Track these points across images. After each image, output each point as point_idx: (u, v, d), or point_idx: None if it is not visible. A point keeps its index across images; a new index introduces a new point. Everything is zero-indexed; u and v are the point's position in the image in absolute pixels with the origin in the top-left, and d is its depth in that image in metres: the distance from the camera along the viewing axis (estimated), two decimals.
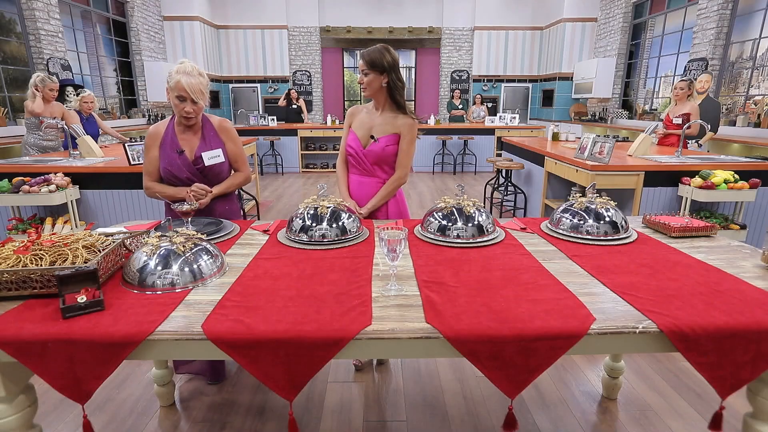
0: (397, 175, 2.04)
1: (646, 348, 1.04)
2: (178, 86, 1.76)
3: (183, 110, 1.81)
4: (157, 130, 1.91)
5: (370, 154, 2.01)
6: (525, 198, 4.92)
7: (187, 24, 9.34)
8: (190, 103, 1.80)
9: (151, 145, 1.90)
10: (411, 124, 1.99)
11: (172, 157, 1.87)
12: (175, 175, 1.88)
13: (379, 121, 2.01)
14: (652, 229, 1.74)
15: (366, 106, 2.09)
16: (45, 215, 3.22)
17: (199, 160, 1.90)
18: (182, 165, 1.88)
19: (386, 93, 1.97)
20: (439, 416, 1.90)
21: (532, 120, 10.96)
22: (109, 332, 0.96)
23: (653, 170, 3.21)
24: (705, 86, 5.46)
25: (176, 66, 1.80)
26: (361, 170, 2.07)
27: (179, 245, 1.23)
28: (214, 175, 1.95)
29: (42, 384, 1.02)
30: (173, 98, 1.80)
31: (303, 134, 8.29)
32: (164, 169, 1.89)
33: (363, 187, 2.07)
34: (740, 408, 1.83)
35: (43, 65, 6.01)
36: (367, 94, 1.97)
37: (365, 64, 1.90)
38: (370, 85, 1.93)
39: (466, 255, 1.43)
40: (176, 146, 1.88)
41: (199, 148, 1.91)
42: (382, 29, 10.42)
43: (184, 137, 1.91)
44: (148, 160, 1.92)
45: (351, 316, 1.02)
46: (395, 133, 1.99)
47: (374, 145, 2.00)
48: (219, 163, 1.95)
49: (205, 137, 1.94)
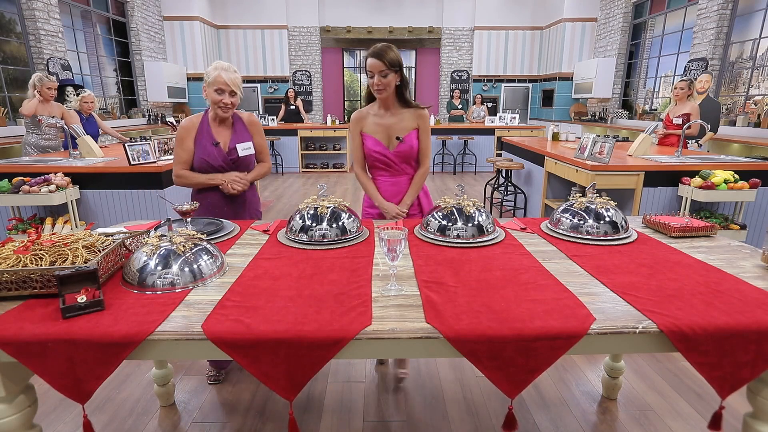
0: (424, 167, 2.08)
1: (646, 348, 1.04)
2: (218, 80, 1.91)
3: (221, 102, 1.94)
4: (192, 123, 2.04)
5: (399, 155, 2.02)
6: (525, 198, 4.92)
7: (187, 24, 9.34)
8: (228, 95, 1.94)
9: (185, 136, 2.02)
10: (425, 115, 2.03)
11: (208, 148, 2.01)
12: (210, 165, 2.02)
13: (394, 120, 2.00)
14: (652, 229, 1.74)
15: (370, 109, 2.03)
16: (45, 215, 3.22)
17: (233, 151, 2.06)
18: (217, 155, 2.02)
19: (396, 91, 1.96)
20: (439, 416, 1.90)
21: (532, 120, 10.96)
22: (109, 332, 0.96)
23: (653, 170, 3.21)
24: (705, 86, 5.46)
25: (212, 65, 1.96)
26: (392, 171, 2.06)
27: (179, 245, 1.23)
28: (245, 166, 2.11)
29: (42, 384, 1.03)
30: (212, 93, 1.94)
31: (303, 134, 8.29)
32: (200, 159, 2.01)
33: (396, 186, 2.07)
34: (740, 408, 1.83)
35: (43, 65, 6.01)
36: (384, 96, 1.93)
37: (385, 64, 1.83)
38: (389, 86, 1.89)
39: (466, 255, 1.43)
40: (212, 138, 2.02)
41: (232, 140, 2.07)
42: (382, 29, 10.42)
43: (218, 130, 2.05)
44: (181, 150, 2.03)
45: (351, 316, 1.02)
46: (415, 128, 2.02)
47: (402, 146, 2.00)
48: (250, 155, 2.11)
49: (237, 131, 2.09)
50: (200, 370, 2.23)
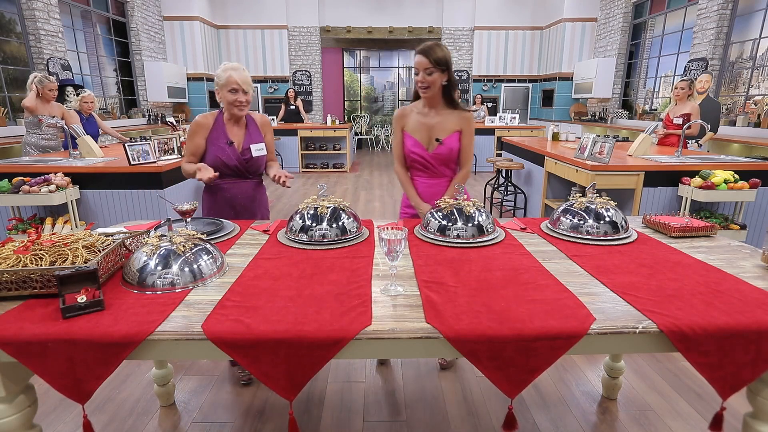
0: (465, 171, 2.04)
1: (646, 348, 1.04)
2: (230, 80, 1.95)
3: (236, 101, 1.99)
4: (206, 121, 2.07)
5: (437, 157, 1.99)
6: (525, 198, 4.92)
7: (187, 24, 9.34)
8: (241, 93, 1.99)
9: (197, 131, 2.06)
10: (469, 118, 1.99)
11: (223, 147, 2.05)
12: (225, 163, 2.06)
13: (437, 121, 1.96)
14: (652, 229, 1.74)
15: (414, 107, 2.01)
16: (45, 215, 3.22)
17: (247, 151, 2.10)
18: (231, 155, 2.06)
19: (442, 91, 1.92)
20: (439, 416, 1.90)
21: (532, 120, 10.96)
22: (109, 332, 0.96)
23: (653, 170, 3.21)
24: (705, 86, 5.46)
25: (221, 66, 2.00)
26: (429, 173, 2.04)
27: (179, 245, 1.23)
28: (257, 166, 2.16)
29: (42, 384, 1.03)
30: (226, 94, 1.98)
31: (303, 134, 8.28)
32: (215, 157, 2.05)
33: (433, 188, 2.04)
34: (740, 408, 1.83)
35: (43, 65, 6.02)
36: (429, 95, 1.89)
37: (431, 62, 1.80)
38: (434, 84, 1.86)
39: (466, 255, 1.43)
40: (226, 138, 2.06)
41: (246, 140, 2.11)
42: (382, 29, 10.42)
43: (233, 130, 2.10)
44: (191, 143, 2.07)
45: (351, 316, 1.02)
46: (457, 131, 1.97)
47: (440, 148, 1.96)
48: (262, 155, 2.16)
49: (250, 132, 2.14)
50: (200, 370, 2.23)
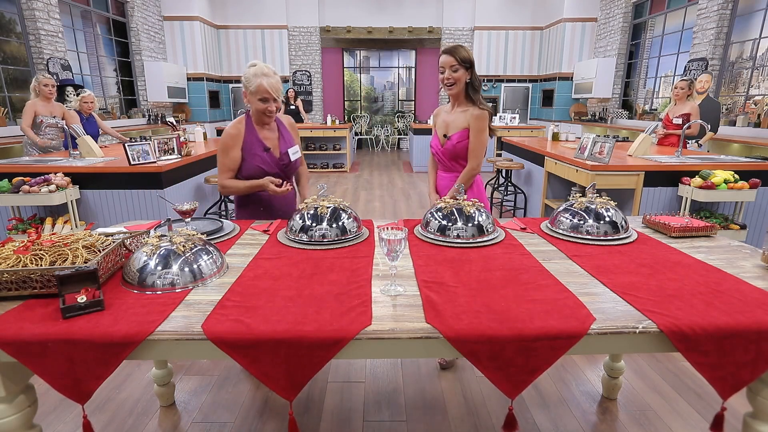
0: (469, 166, 2.12)
1: (646, 348, 1.03)
2: (261, 89, 1.84)
3: (267, 110, 1.91)
4: (238, 131, 1.96)
5: (446, 152, 2.14)
6: (525, 198, 4.92)
7: (187, 24, 9.34)
8: (272, 101, 1.90)
9: (231, 146, 1.95)
10: (477, 114, 2.03)
11: (261, 155, 1.98)
12: (264, 171, 1.99)
13: (452, 118, 2.11)
14: (652, 229, 1.74)
15: (445, 106, 2.19)
16: (45, 215, 3.22)
17: (285, 156, 2.05)
18: (270, 161, 2.00)
19: (465, 90, 2.04)
20: (439, 416, 1.90)
21: (532, 120, 10.95)
22: (109, 332, 0.96)
23: (653, 170, 3.21)
24: (705, 86, 5.46)
25: (250, 69, 1.85)
26: (444, 167, 2.22)
27: (179, 245, 1.23)
28: (293, 169, 2.12)
29: (42, 384, 1.02)
30: (256, 102, 1.88)
31: (303, 134, 8.28)
32: (255, 166, 1.97)
33: (444, 181, 2.23)
34: (740, 408, 1.83)
35: (43, 65, 6.01)
36: (455, 92, 2.03)
37: (456, 60, 1.95)
38: (459, 81, 1.99)
39: (466, 255, 1.43)
40: (262, 144, 1.99)
41: (281, 145, 2.05)
42: (382, 29, 10.42)
43: (266, 136, 2.02)
44: (228, 159, 1.95)
45: (351, 316, 1.02)
46: (465, 128, 2.06)
47: (448, 143, 2.11)
48: (298, 158, 2.12)
49: (283, 135, 2.08)
50: (200, 370, 2.23)
